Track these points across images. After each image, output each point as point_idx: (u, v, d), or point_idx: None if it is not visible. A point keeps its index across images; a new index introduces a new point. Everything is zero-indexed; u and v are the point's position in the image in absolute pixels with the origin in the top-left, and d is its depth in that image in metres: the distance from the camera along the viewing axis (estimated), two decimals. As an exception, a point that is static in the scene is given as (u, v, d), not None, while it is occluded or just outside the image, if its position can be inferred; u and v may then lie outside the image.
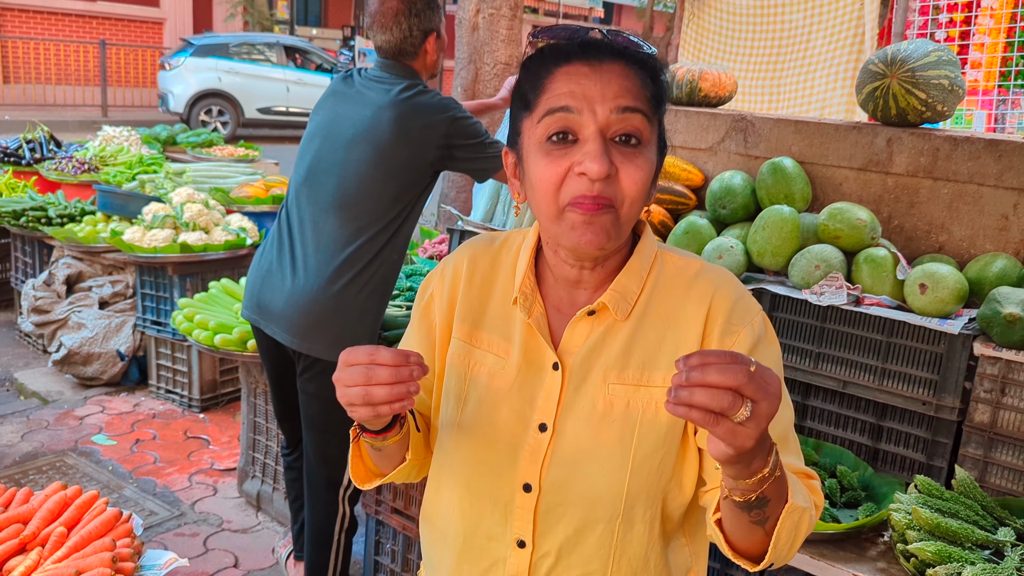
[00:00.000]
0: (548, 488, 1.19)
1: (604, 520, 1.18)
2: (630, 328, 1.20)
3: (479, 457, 1.24)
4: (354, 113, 2.60)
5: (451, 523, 1.28)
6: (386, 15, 2.62)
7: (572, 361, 1.21)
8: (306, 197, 2.61)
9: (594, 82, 1.11)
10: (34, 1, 16.85)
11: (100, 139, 6.59)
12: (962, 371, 2.16)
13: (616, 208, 1.11)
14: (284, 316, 2.55)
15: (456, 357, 1.29)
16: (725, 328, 1.18)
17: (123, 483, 3.72)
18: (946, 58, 2.48)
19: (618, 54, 1.14)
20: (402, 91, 2.58)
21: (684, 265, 1.25)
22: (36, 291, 5.01)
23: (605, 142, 1.10)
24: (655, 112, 1.16)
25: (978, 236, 2.48)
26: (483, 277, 1.30)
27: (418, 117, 2.56)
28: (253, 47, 15.50)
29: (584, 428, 1.18)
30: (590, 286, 1.23)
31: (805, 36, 4.91)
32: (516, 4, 6.26)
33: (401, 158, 2.55)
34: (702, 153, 3.03)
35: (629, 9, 30.90)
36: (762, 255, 2.54)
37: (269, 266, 2.62)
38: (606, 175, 1.08)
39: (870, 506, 2.10)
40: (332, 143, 2.60)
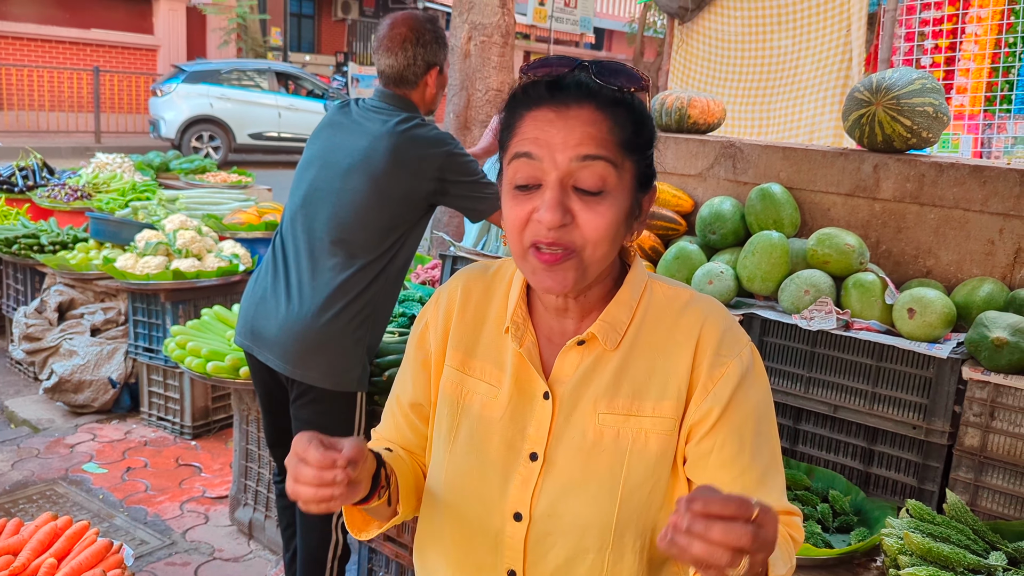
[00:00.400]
0: (538, 517, 1.19)
1: (594, 550, 1.18)
2: (620, 357, 1.21)
3: (470, 486, 1.24)
4: (351, 143, 2.61)
5: (442, 553, 1.29)
6: (393, 40, 2.65)
7: (563, 390, 1.22)
8: (301, 225, 2.62)
9: (558, 129, 1.11)
10: (28, 29, 16.92)
11: (93, 166, 6.60)
12: (951, 395, 2.17)
13: (578, 252, 1.12)
14: (278, 343, 2.55)
15: (449, 385, 1.30)
16: (714, 360, 1.19)
17: (114, 512, 3.69)
18: (930, 86, 2.51)
19: (590, 95, 1.13)
20: (400, 122, 2.59)
21: (674, 295, 1.26)
22: (27, 318, 5.00)
23: (564, 190, 1.11)
24: (627, 155, 1.15)
25: (965, 261, 2.51)
26: (477, 305, 1.32)
27: (414, 149, 2.57)
28: (244, 73, 15.56)
29: (575, 457, 1.19)
30: (576, 315, 1.24)
31: (793, 62, 4.97)
32: (508, 31, 6.32)
33: (396, 189, 2.56)
34: (692, 179, 3.06)
35: (620, 35, 31.18)
36: (752, 280, 2.56)
37: (263, 293, 2.63)
38: (558, 225, 1.09)
39: (862, 531, 2.10)
40: (328, 172, 2.61)
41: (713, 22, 5.36)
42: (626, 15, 29.81)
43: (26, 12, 17.23)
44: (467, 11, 6.22)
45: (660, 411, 1.18)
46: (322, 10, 25.35)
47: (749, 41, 5.18)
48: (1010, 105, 4.51)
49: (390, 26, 2.67)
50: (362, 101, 2.73)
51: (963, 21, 4.55)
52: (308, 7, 25.27)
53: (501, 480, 1.21)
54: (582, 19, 26.08)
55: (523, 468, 1.21)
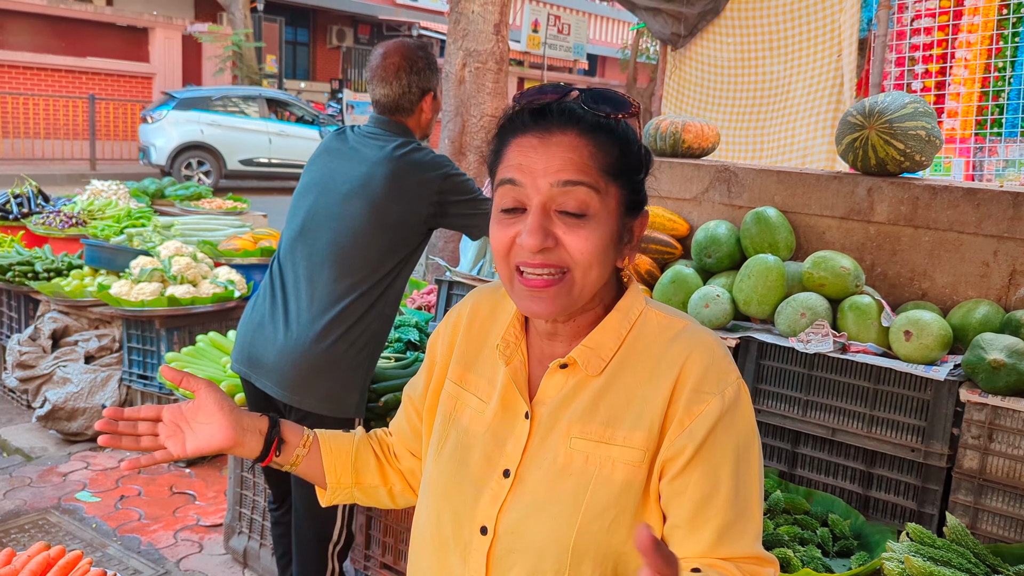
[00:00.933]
0: (502, 532, 1.21)
1: (551, 572, 1.18)
2: (601, 384, 1.22)
3: (448, 495, 1.28)
4: (348, 169, 2.62)
5: (424, 558, 1.33)
6: (387, 70, 2.66)
7: (542, 411, 1.23)
8: (300, 251, 2.62)
9: (540, 155, 1.14)
10: (24, 57, 16.99)
11: (88, 193, 6.61)
12: (949, 417, 2.17)
13: (571, 272, 1.14)
14: (275, 369, 2.54)
15: (447, 397, 1.35)
16: (693, 396, 1.17)
17: (107, 541, 3.65)
18: (922, 109, 2.53)
19: (573, 121, 1.15)
20: (396, 147, 2.60)
21: (667, 324, 1.24)
22: (21, 346, 4.97)
23: (546, 214, 1.13)
24: (611, 180, 1.16)
25: (960, 283, 2.51)
26: (482, 323, 1.36)
27: (412, 173, 2.58)
28: (234, 100, 15.62)
29: (543, 478, 1.21)
30: (566, 339, 1.25)
31: (785, 87, 5.01)
32: (501, 57, 6.37)
33: (395, 214, 2.57)
34: (687, 203, 3.07)
35: (613, 61, 31.44)
36: (748, 304, 2.56)
37: (261, 319, 2.62)
38: (539, 248, 1.12)
39: (863, 555, 2.09)
40: (327, 198, 2.61)
41: (705, 48, 5.41)
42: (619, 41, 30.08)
43: (22, 41, 17.33)
44: (461, 38, 6.27)
45: (630, 441, 1.18)
46: (317, 38, 25.54)
47: (741, 66, 5.23)
48: (1001, 128, 4.55)
49: (383, 55, 2.69)
50: (358, 128, 2.74)
51: (953, 46, 4.60)
52: (303, 35, 25.46)
53: (475, 493, 1.24)
54: (575, 46, 26.31)
55: (495, 483, 1.23)
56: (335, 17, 25.17)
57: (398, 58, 2.66)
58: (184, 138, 14.74)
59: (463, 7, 6.22)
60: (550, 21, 24.84)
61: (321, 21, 25.22)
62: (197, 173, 14.88)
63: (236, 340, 2.71)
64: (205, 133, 14.93)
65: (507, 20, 6.43)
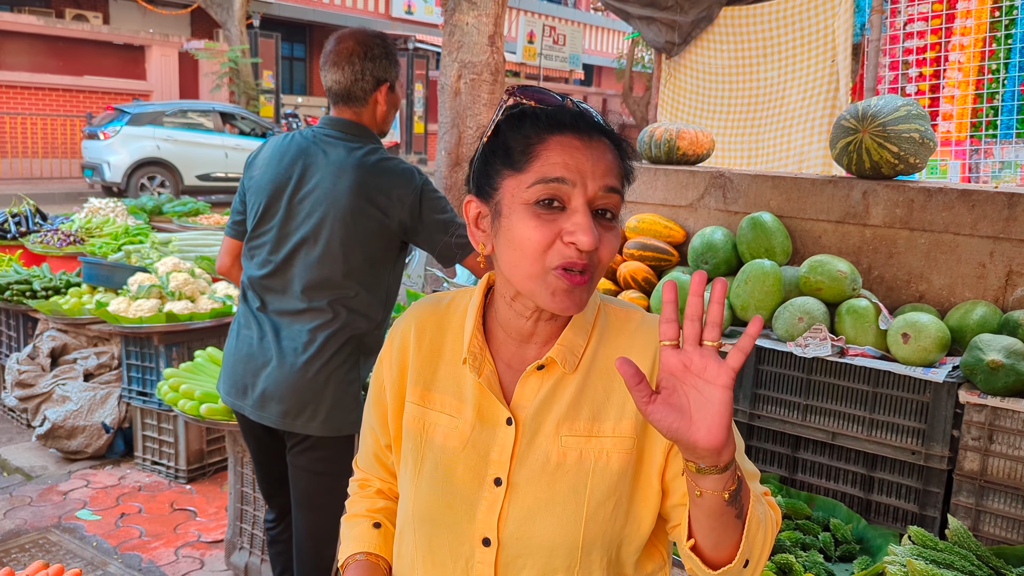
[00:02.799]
0: (506, 541, 1.21)
1: (563, 569, 1.20)
2: (578, 380, 1.24)
3: (438, 516, 1.26)
4: (313, 180, 2.47)
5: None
6: (340, 54, 2.52)
7: (524, 415, 1.24)
8: (276, 274, 2.51)
9: (586, 157, 1.15)
10: (22, 77, 17.05)
11: (86, 211, 6.61)
12: (949, 419, 2.17)
13: (592, 272, 1.17)
14: (274, 398, 2.47)
15: (412, 420, 1.32)
16: None
17: (108, 559, 3.64)
18: (915, 112, 2.54)
19: (602, 132, 1.20)
20: (365, 154, 2.48)
21: (626, 316, 1.29)
22: (20, 365, 4.96)
23: (591, 215, 1.15)
24: (624, 187, 1.22)
25: (957, 284, 2.51)
26: (431, 339, 1.34)
27: (383, 182, 2.47)
28: (188, 114, 15.25)
29: (538, 480, 1.21)
30: (540, 340, 1.26)
31: (780, 93, 5.02)
32: (497, 69, 6.39)
33: (366, 226, 2.46)
34: (683, 210, 3.07)
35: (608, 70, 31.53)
36: (745, 309, 2.56)
37: (250, 350, 2.53)
38: (595, 247, 1.13)
39: (865, 559, 2.08)
40: (295, 217, 2.48)
41: (700, 56, 5.43)
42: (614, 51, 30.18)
43: (20, 61, 17.39)
44: (456, 50, 6.29)
45: (620, 431, 1.21)
46: (314, 53, 25.61)
47: (736, 73, 5.24)
48: (996, 130, 4.56)
49: (337, 41, 2.55)
50: (313, 129, 2.56)
51: (946, 49, 4.62)
52: (300, 50, 25.55)
53: (468, 507, 1.23)
54: (571, 56, 26.40)
55: (488, 494, 1.23)
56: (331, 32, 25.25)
57: (352, 43, 2.52)
58: (140, 154, 14.26)
59: (457, 19, 6.25)
60: (545, 32, 24.94)
61: (317, 36, 25.31)
62: (154, 190, 14.48)
63: (224, 373, 2.61)
64: (161, 149, 14.52)
65: (502, 32, 6.45)
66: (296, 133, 2.58)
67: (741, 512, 1.07)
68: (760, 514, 1.12)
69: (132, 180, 14.35)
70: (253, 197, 2.55)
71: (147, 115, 14.77)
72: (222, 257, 2.74)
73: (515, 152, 1.18)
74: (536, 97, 1.21)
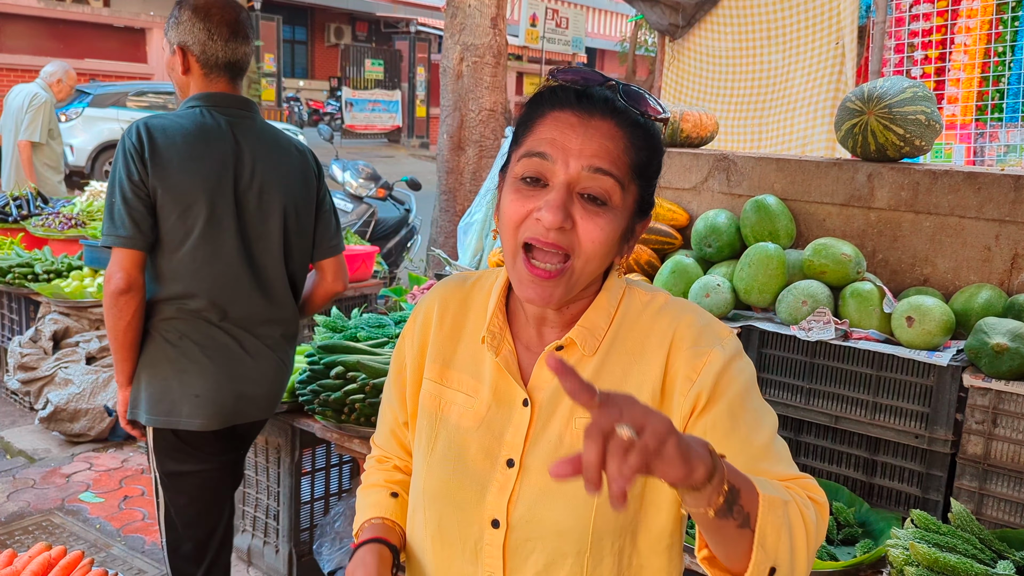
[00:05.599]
0: (516, 523, 1.20)
1: (572, 554, 1.18)
2: (597, 363, 1.21)
3: (449, 495, 1.25)
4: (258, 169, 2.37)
5: (426, 564, 1.30)
6: (242, 25, 2.41)
7: (541, 397, 1.22)
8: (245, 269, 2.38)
9: (577, 134, 1.11)
10: (23, 60, 16.99)
11: (87, 194, 6.59)
12: (953, 403, 2.16)
13: (573, 260, 1.13)
14: (266, 395, 2.49)
15: (428, 398, 1.31)
16: (693, 352, 1.17)
17: (111, 541, 3.65)
18: (921, 94, 2.52)
19: (614, 112, 1.14)
20: (295, 138, 2.52)
21: (649, 299, 1.25)
22: (22, 348, 4.97)
23: (568, 194, 1.11)
24: (635, 179, 1.15)
25: (962, 268, 2.50)
26: (454, 317, 1.32)
27: (313, 163, 2.52)
28: (149, 95, 14.78)
29: (551, 463, 1.18)
30: (557, 325, 1.24)
31: (784, 76, 4.99)
32: (499, 51, 6.35)
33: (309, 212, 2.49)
34: (686, 193, 3.06)
35: (612, 54, 31.39)
36: (749, 292, 2.55)
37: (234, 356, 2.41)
38: (558, 226, 1.10)
39: (867, 543, 2.08)
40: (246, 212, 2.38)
41: (704, 38, 5.39)
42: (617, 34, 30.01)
43: (20, 44, 17.31)
44: (459, 32, 6.25)
45: None
46: (315, 36, 25.51)
47: (740, 56, 5.20)
48: (1001, 114, 4.52)
49: (228, 9, 2.37)
50: (220, 115, 2.37)
51: (952, 32, 4.58)
52: (301, 33, 25.43)
53: (479, 488, 1.22)
54: (574, 39, 26.26)
55: (500, 475, 1.21)
56: (333, 15, 25.13)
57: (240, 12, 2.41)
58: (103, 137, 13.70)
59: (460, 1, 6.20)
60: (548, 15, 24.79)
61: (319, 19, 25.19)
62: None
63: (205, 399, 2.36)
64: None
65: (504, 14, 6.41)
66: (207, 118, 2.36)
67: (746, 522, 0.98)
68: (783, 519, 1.00)
69: (97, 164, 13.79)
70: (178, 197, 2.28)
71: (109, 96, 14.19)
72: (132, 273, 2.24)
73: (519, 127, 1.19)
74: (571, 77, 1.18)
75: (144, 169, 2.23)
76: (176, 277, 2.31)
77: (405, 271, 7.38)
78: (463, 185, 6.35)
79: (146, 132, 2.27)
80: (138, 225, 2.22)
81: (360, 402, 2.71)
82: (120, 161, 2.24)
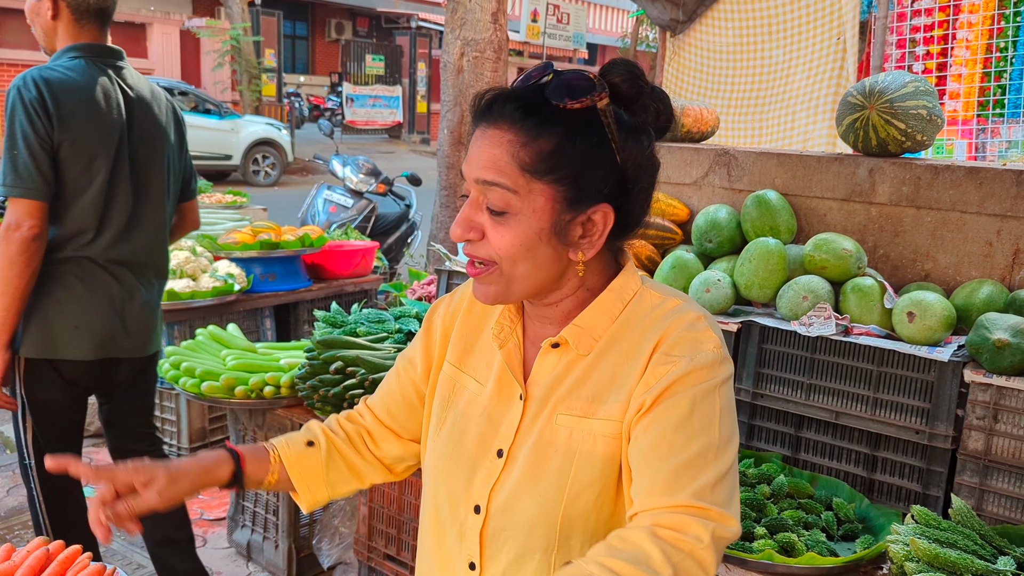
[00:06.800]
0: (494, 512, 1.22)
1: (540, 550, 1.19)
2: (589, 362, 1.22)
3: (444, 476, 1.29)
4: (144, 119, 2.59)
5: (426, 541, 1.35)
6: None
7: (536, 392, 1.24)
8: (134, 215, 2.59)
9: (477, 148, 1.15)
10: (22, 56, 16.97)
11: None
12: (953, 398, 2.15)
13: (499, 264, 1.16)
14: (141, 331, 2.69)
15: (444, 380, 1.36)
16: (663, 358, 1.14)
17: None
18: (923, 88, 2.51)
19: (505, 115, 1.12)
20: (162, 89, 2.71)
21: (660, 302, 1.22)
22: (22, 343, 4.96)
23: (477, 208, 1.16)
24: (536, 176, 1.11)
25: (963, 263, 2.49)
26: (482, 307, 1.36)
27: (177, 108, 2.76)
28: None
29: (530, 456, 1.21)
30: (555, 321, 1.25)
31: (785, 72, 4.98)
32: (500, 46, 6.34)
33: (180, 158, 2.73)
34: (687, 188, 3.05)
35: (613, 50, 31.33)
36: (749, 287, 2.54)
37: (116, 294, 2.60)
38: (462, 238, 1.16)
39: (867, 538, 2.07)
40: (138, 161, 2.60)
41: (705, 34, 5.37)
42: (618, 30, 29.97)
43: (20, 39, 17.28)
44: (459, 27, 6.23)
45: (610, 414, 1.17)
46: (315, 31, 25.49)
47: (741, 51, 5.19)
48: (1003, 109, 4.51)
49: None
50: (102, 65, 2.50)
51: (954, 27, 4.56)
52: (302, 28, 25.41)
53: (469, 473, 1.25)
54: (575, 35, 26.23)
55: (489, 463, 1.24)
56: (333, 10, 25.12)
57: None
58: None
59: (460, -4, 6.19)
60: (549, 10, 24.76)
61: (319, 14, 25.17)
62: None
63: (83, 330, 2.54)
64: None
65: (505, 9, 6.39)
66: (95, 70, 2.47)
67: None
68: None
69: None
70: (83, 149, 2.41)
71: None
72: (42, 222, 2.37)
73: None
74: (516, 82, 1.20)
75: (50, 123, 2.34)
76: (70, 223, 2.46)
77: (405, 267, 7.37)
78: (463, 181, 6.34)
79: (46, 86, 2.34)
80: (44, 177, 2.34)
81: (359, 397, 2.70)
82: (22, 114, 2.32)
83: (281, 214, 7.92)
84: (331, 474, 1.42)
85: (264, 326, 4.78)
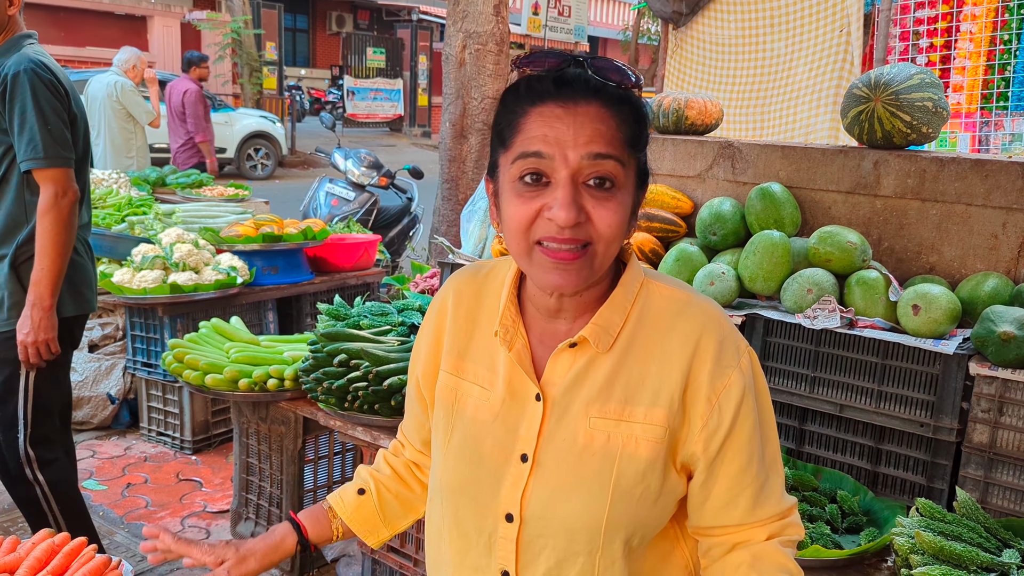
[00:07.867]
0: (529, 518, 1.20)
1: (584, 553, 1.18)
2: (613, 360, 1.20)
3: (464, 487, 1.26)
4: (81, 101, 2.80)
5: (443, 554, 1.31)
6: None
7: (554, 392, 1.21)
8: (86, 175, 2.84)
9: (567, 125, 1.09)
10: (23, 48, 16.94)
11: (89, 182, 6.58)
12: (959, 391, 2.15)
13: (593, 245, 1.11)
14: None
15: (444, 390, 1.31)
16: (715, 370, 1.18)
17: (114, 528, 3.66)
18: (929, 80, 2.50)
19: (594, 93, 1.11)
20: None
21: (670, 296, 1.23)
22: (25, 336, 4.96)
23: (576, 188, 1.09)
24: (632, 153, 1.14)
25: (968, 256, 2.48)
26: (468, 309, 1.32)
27: None
28: None
29: (565, 460, 1.19)
30: (570, 316, 1.22)
31: (788, 64, 4.96)
32: (502, 39, 6.32)
33: None
34: (691, 180, 3.04)
35: (614, 42, 31.26)
36: (754, 280, 2.53)
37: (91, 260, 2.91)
38: (574, 223, 1.08)
39: (872, 531, 2.07)
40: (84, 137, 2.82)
41: (708, 26, 5.36)
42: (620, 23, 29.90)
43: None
44: (461, 20, 6.22)
45: (651, 418, 1.17)
46: (316, 24, 25.43)
47: (744, 43, 5.17)
48: (1007, 102, 4.49)
49: None
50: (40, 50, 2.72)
51: (958, 19, 4.54)
52: (302, 21, 25.36)
53: (494, 481, 1.22)
54: (576, 27, 26.16)
55: (514, 469, 1.21)
56: (334, 3, 25.06)
57: None
58: None
59: (462, -12, 6.17)
60: (550, 3, 24.68)
61: (320, 7, 25.12)
62: None
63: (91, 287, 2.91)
64: None
65: (506, 1, 6.37)
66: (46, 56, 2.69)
67: None
68: None
69: None
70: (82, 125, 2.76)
71: None
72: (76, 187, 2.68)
73: (503, 128, 1.16)
74: (537, 63, 1.16)
75: (66, 99, 2.66)
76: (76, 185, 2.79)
77: (408, 259, 7.37)
78: (465, 173, 6.33)
79: (53, 68, 2.65)
80: (72, 147, 2.67)
81: (363, 390, 2.71)
82: (47, 93, 2.58)
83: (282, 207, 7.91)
84: (386, 514, 1.50)
85: (267, 319, 4.78)
